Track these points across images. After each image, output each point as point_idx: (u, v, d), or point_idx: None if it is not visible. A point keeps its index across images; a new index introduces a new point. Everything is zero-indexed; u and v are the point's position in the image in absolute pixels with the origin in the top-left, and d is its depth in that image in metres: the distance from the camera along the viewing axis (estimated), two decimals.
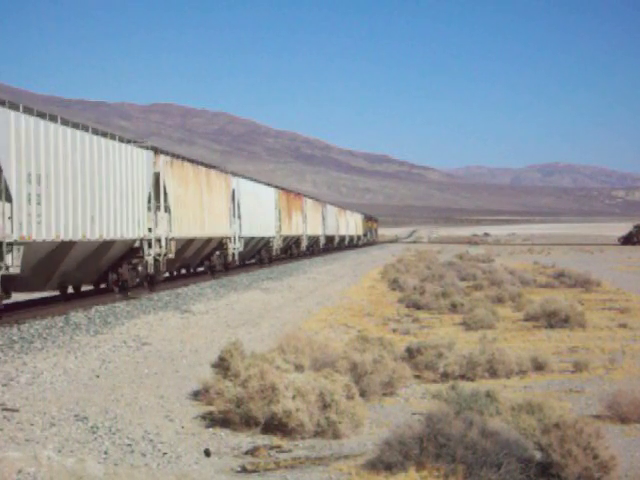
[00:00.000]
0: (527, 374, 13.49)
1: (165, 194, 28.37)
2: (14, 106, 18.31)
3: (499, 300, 25.98)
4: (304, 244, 60.76)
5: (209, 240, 34.22)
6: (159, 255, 27.19)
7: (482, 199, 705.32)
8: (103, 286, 25.64)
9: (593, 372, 13.58)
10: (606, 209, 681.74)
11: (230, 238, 37.35)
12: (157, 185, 27.57)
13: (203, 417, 10.36)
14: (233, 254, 37.86)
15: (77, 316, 20.11)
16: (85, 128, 22.21)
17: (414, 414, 10.39)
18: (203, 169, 34.47)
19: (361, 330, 18.97)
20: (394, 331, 19.13)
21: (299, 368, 11.73)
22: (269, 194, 48.23)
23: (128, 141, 25.88)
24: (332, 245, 79.18)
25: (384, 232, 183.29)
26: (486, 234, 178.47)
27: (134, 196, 25.41)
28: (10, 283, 18.39)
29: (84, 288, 25.76)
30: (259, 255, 46.98)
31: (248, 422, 9.77)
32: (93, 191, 22.12)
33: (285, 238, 52.50)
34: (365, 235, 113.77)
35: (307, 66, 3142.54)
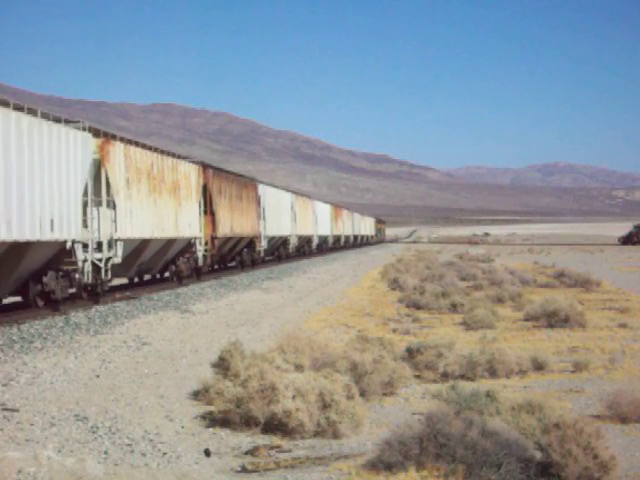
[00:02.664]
0: (527, 374, 13.49)
1: (295, 214, 57.19)
2: (262, 182, 47.73)
3: (499, 300, 25.97)
4: (342, 240, 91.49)
5: (305, 236, 63.30)
6: (288, 244, 55.65)
7: (482, 199, 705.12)
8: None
9: (593, 372, 13.58)
10: (606, 209, 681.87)
11: (313, 236, 67.11)
12: (293, 209, 56.55)
13: (203, 417, 10.36)
14: (313, 245, 67.64)
15: (77, 316, 20.10)
16: (274, 186, 54.16)
17: (414, 414, 10.38)
18: (307, 199, 66.51)
19: (361, 330, 18.97)
20: (394, 331, 19.13)
21: (299, 368, 11.73)
22: (327, 208, 78.16)
23: (280, 187, 57.79)
24: (357, 242, 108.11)
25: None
26: (486, 234, 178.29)
27: (286, 215, 53.88)
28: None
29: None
30: (321, 247, 74.07)
31: (248, 422, 9.77)
32: (278, 213, 50.36)
33: (334, 236, 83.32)
34: (376, 235, 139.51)
35: (307, 66, 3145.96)
